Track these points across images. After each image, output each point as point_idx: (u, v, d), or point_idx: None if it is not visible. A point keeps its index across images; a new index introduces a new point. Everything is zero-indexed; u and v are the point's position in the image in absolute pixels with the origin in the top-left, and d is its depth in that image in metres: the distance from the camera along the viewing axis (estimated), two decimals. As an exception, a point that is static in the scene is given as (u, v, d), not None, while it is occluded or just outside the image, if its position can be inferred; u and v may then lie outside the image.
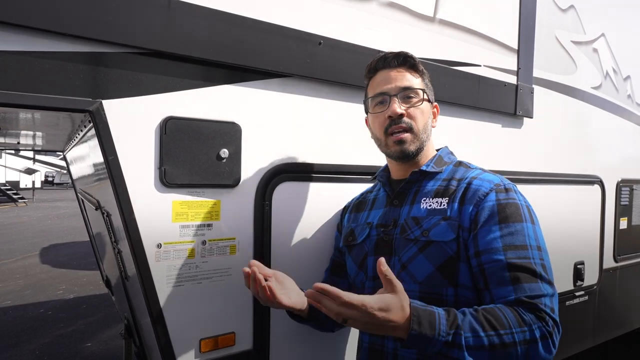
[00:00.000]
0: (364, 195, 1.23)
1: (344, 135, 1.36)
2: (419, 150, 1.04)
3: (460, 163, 1.09)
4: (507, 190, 0.96)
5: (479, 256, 0.91)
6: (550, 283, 0.87)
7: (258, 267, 1.00)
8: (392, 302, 0.77)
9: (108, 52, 0.97)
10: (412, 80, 1.04)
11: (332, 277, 1.24)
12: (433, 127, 1.10)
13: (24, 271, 6.03)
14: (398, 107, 1.01)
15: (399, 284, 0.79)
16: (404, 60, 1.05)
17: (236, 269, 1.18)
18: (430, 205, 1.00)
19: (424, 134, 1.05)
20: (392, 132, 1.02)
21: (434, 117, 1.11)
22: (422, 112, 1.04)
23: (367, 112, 1.12)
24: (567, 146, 2.16)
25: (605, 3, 2.40)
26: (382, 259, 0.78)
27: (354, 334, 1.37)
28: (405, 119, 1.02)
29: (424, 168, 1.05)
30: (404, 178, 1.08)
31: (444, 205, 0.98)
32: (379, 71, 1.07)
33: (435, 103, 1.12)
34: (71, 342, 3.77)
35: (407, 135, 1.02)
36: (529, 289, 0.85)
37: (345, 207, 1.29)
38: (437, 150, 1.14)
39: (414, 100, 1.03)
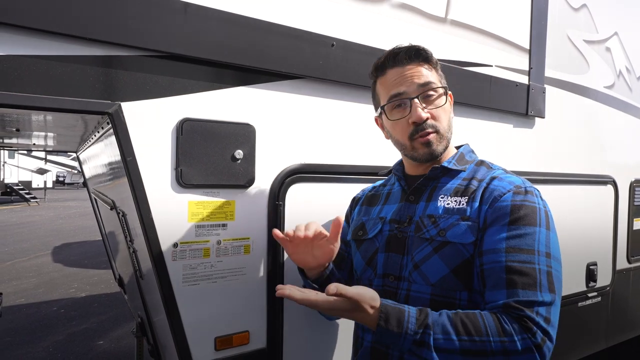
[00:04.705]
0: (376, 188, 1.18)
1: (357, 136, 1.37)
2: (446, 149, 1.00)
3: (482, 162, 1.03)
4: (527, 192, 0.90)
5: (481, 256, 0.87)
6: (551, 291, 0.81)
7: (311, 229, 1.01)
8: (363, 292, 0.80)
9: (126, 56, 0.99)
10: (429, 75, 0.96)
11: None
12: (452, 118, 1.03)
13: (37, 270, 6.12)
14: (422, 112, 0.94)
15: (356, 290, 0.80)
16: (417, 54, 0.96)
17: (250, 268, 1.19)
18: (448, 204, 0.94)
19: (449, 132, 0.99)
20: (419, 137, 0.97)
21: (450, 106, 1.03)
22: (445, 110, 0.98)
23: (381, 113, 1.04)
24: (579, 146, 2.14)
25: (618, 1, 2.37)
26: (330, 287, 0.78)
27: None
28: (430, 122, 0.95)
29: (445, 164, 0.99)
30: (421, 174, 1.03)
31: (463, 204, 0.92)
32: (388, 69, 0.98)
33: (450, 92, 1.03)
34: (84, 339, 3.82)
35: (434, 136, 0.96)
36: (523, 295, 0.79)
37: (355, 198, 1.23)
38: (457, 147, 1.08)
39: (435, 98, 0.96)
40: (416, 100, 0.95)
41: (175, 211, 1.08)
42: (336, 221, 0.98)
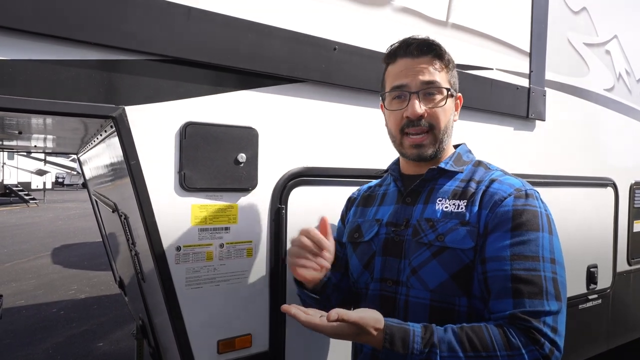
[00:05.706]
0: (372, 189, 1.15)
1: (359, 139, 1.38)
2: (438, 152, 0.97)
3: (479, 163, 1.01)
4: (527, 196, 0.88)
5: (484, 263, 0.85)
6: (558, 299, 0.80)
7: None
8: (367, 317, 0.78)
9: (130, 60, 1.00)
10: (436, 74, 0.94)
11: None
12: (454, 120, 1.00)
13: (36, 271, 6.11)
14: (418, 108, 0.92)
15: (358, 314, 0.77)
16: (429, 49, 0.94)
17: (253, 271, 1.20)
18: (446, 207, 0.92)
19: (445, 134, 0.96)
20: (410, 133, 0.95)
21: (456, 109, 1.01)
22: (445, 112, 0.95)
23: (383, 99, 1.03)
24: (579, 148, 2.15)
25: (617, 4, 2.38)
26: (332, 314, 0.75)
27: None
28: (424, 120, 0.93)
29: (442, 165, 0.97)
30: (417, 174, 1.01)
31: (462, 208, 0.90)
32: (399, 58, 0.97)
33: (459, 94, 1.02)
34: (83, 341, 3.82)
35: (425, 138, 0.94)
36: (530, 305, 0.78)
37: (350, 198, 1.20)
38: (455, 146, 1.06)
39: (437, 98, 0.94)
40: (415, 95, 0.93)
41: (179, 214, 1.08)
42: (322, 222, 1.00)
